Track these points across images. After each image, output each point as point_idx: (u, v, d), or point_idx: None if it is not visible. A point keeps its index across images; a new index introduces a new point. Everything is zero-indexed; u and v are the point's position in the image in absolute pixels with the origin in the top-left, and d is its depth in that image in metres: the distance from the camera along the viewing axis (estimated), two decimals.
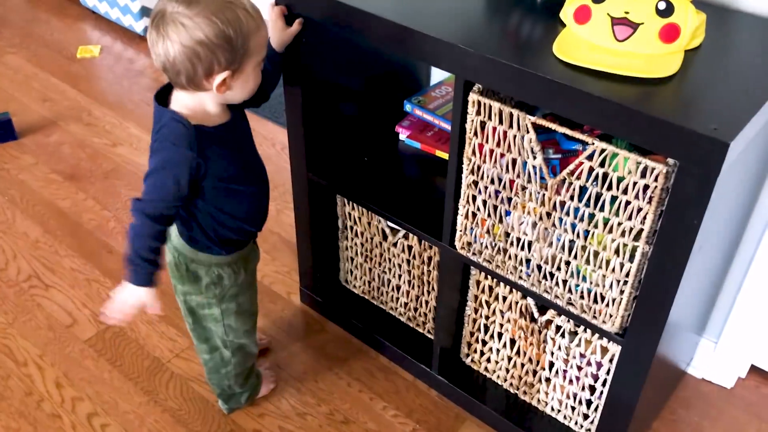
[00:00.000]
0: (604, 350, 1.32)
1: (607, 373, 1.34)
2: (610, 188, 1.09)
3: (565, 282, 1.25)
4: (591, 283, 1.20)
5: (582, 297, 1.23)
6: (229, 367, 1.48)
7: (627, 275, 1.14)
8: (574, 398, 1.45)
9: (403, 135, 1.62)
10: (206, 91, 1.17)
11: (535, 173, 1.18)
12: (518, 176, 1.20)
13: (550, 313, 1.37)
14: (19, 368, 1.68)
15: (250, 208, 1.34)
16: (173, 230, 1.32)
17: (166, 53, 1.12)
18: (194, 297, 1.36)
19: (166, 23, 1.11)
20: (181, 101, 1.20)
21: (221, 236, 1.31)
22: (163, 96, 1.22)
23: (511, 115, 1.15)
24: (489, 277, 1.43)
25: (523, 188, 1.21)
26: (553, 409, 1.51)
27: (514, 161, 1.19)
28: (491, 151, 1.21)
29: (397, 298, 1.71)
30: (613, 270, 1.15)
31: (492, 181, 1.25)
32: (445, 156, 1.54)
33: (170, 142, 1.17)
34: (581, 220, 1.16)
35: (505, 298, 1.44)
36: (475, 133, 1.21)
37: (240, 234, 1.34)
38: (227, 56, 1.13)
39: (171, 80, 1.18)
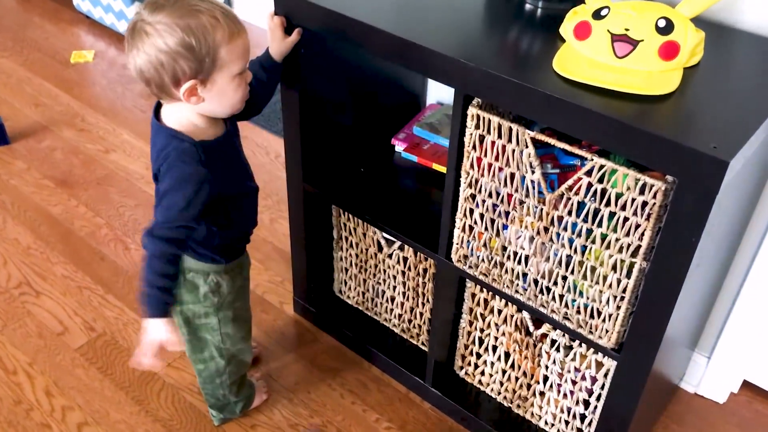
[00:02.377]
0: (599, 365, 1.32)
1: (602, 387, 1.34)
2: (608, 204, 1.10)
3: (561, 297, 1.25)
4: (587, 298, 1.20)
5: (578, 312, 1.23)
6: (224, 377, 1.47)
7: (624, 291, 1.15)
8: (568, 412, 1.44)
9: (399, 147, 1.62)
10: (179, 101, 1.15)
11: (533, 188, 1.18)
12: (516, 190, 1.20)
13: (546, 327, 1.37)
14: (9, 376, 1.66)
15: (248, 214, 1.36)
16: None
17: (135, 62, 1.13)
18: (191, 306, 1.35)
19: (134, 33, 1.11)
20: (173, 116, 1.19)
21: (225, 246, 1.32)
22: (158, 112, 1.22)
23: (510, 129, 1.15)
24: (484, 290, 1.43)
25: (521, 202, 1.21)
26: (546, 423, 1.50)
27: (512, 175, 1.19)
28: (489, 165, 1.21)
29: (392, 310, 1.71)
30: (610, 285, 1.16)
31: (490, 195, 1.24)
32: (441, 169, 1.54)
33: (180, 161, 1.16)
34: (579, 235, 1.16)
35: (500, 312, 1.44)
36: (474, 147, 1.21)
37: (240, 241, 1.36)
38: (191, 65, 1.11)
39: (148, 89, 1.17)
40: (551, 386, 1.44)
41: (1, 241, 2.02)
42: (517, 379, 1.51)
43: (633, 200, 1.06)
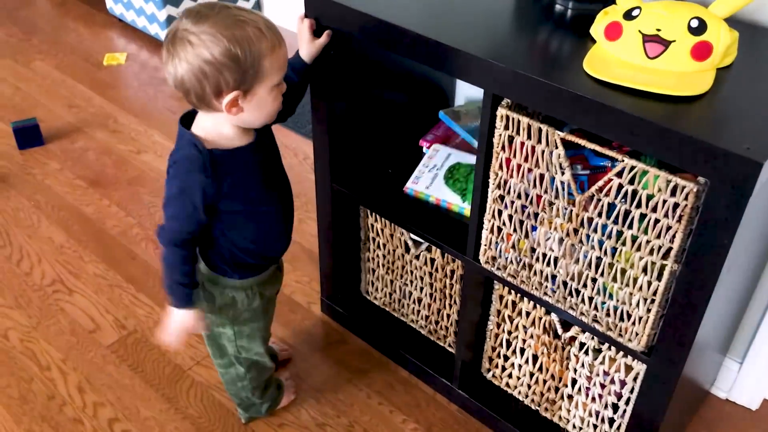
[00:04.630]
0: (629, 368, 1.31)
1: (631, 391, 1.33)
2: (639, 206, 1.09)
3: (590, 299, 1.24)
4: (617, 300, 1.19)
5: (608, 314, 1.22)
6: (245, 382, 1.49)
7: (654, 294, 1.13)
8: (597, 416, 1.43)
9: (427, 149, 1.62)
10: (219, 112, 1.15)
11: (563, 189, 1.17)
12: (545, 191, 1.20)
13: (574, 330, 1.36)
14: (43, 372, 1.69)
15: (271, 231, 1.32)
16: None
17: (175, 71, 1.11)
18: (209, 315, 1.36)
19: (176, 41, 1.10)
20: (201, 123, 1.19)
21: (237, 260, 1.30)
22: (188, 118, 1.22)
23: (540, 130, 1.14)
24: (512, 292, 1.42)
25: (551, 204, 1.20)
26: (574, 426, 1.49)
27: (541, 176, 1.19)
28: (518, 166, 1.21)
29: (418, 311, 1.71)
30: (641, 288, 1.14)
31: (519, 196, 1.24)
32: None
33: (184, 168, 1.17)
34: (609, 237, 1.15)
35: (528, 314, 1.43)
36: (503, 148, 1.21)
37: (257, 258, 1.32)
38: (235, 76, 1.10)
39: (186, 99, 1.17)
40: (580, 390, 1.43)
41: (36, 239, 2.06)
42: (545, 382, 1.50)
43: (664, 202, 1.05)
